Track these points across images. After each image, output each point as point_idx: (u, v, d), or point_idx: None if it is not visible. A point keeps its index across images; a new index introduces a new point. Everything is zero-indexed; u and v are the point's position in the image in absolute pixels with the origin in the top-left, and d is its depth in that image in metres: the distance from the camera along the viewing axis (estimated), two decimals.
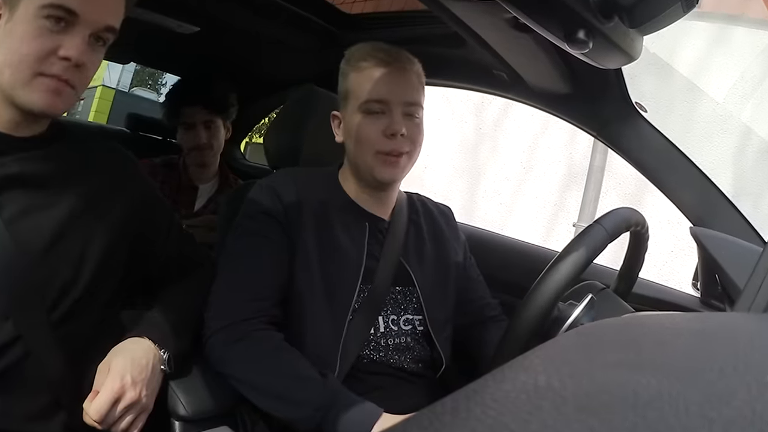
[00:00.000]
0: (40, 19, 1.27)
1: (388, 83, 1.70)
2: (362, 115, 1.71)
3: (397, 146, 1.68)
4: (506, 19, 1.60)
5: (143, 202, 1.61)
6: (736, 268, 1.39)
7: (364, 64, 1.73)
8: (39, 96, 1.31)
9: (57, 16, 1.28)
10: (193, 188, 3.12)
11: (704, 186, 1.88)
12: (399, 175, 1.75)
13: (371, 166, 1.71)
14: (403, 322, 1.74)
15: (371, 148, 1.70)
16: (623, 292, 1.61)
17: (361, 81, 1.73)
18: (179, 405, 1.52)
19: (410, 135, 1.70)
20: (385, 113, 1.69)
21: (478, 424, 0.32)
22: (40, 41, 1.28)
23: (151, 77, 20.89)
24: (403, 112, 1.70)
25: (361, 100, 1.71)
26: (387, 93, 1.69)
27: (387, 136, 1.68)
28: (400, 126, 1.67)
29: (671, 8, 1.16)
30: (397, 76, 1.72)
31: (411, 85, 1.73)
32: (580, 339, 0.51)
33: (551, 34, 1.23)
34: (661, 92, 2.25)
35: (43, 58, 1.29)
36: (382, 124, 1.68)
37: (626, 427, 0.31)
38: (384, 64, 1.71)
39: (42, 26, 1.28)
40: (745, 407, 0.33)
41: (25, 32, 1.28)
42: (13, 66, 1.29)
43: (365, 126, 1.70)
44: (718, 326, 0.59)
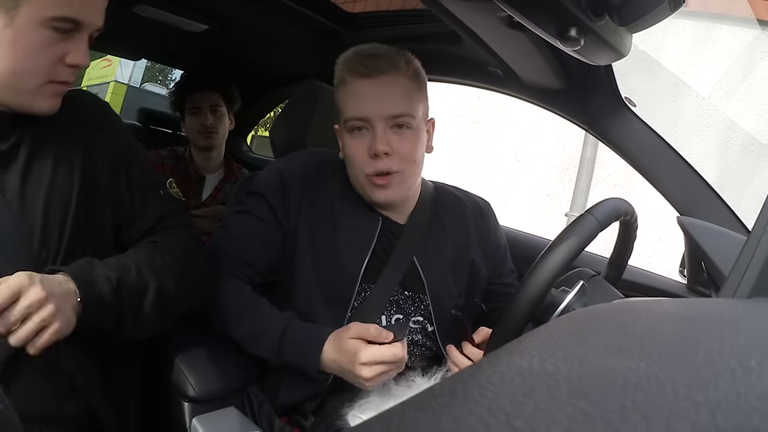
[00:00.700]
0: (46, 29, 1.26)
1: (369, 97, 1.60)
2: (348, 134, 1.64)
3: (383, 166, 1.59)
4: (501, 18, 1.60)
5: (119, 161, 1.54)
6: (721, 255, 1.39)
7: (346, 78, 1.63)
8: (46, 101, 1.34)
9: (64, 27, 1.28)
10: (200, 178, 3.16)
11: (690, 177, 1.88)
12: (393, 196, 1.65)
13: (365, 190, 1.66)
14: (412, 322, 1.70)
15: (360, 170, 1.63)
16: (613, 278, 1.61)
17: (345, 97, 1.64)
18: (188, 386, 1.52)
19: (399, 150, 1.60)
20: (368, 130, 1.60)
21: (475, 405, 0.32)
22: (49, 51, 1.29)
23: (161, 73, 20.83)
24: (389, 125, 1.60)
25: (344, 117, 1.64)
26: (367, 109, 1.59)
27: (370, 156, 1.59)
28: (383, 145, 1.57)
29: (659, 7, 1.17)
30: (378, 86, 1.60)
31: (395, 96, 1.60)
32: (572, 324, 0.51)
33: (544, 31, 1.22)
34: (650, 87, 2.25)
35: (51, 66, 1.30)
36: (365, 143, 1.60)
37: (616, 409, 0.31)
38: (363, 76, 1.60)
39: (49, 36, 1.27)
40: (731, 390, 0.33)
41: (32, 42, 1.27)
42: (22, 75, 1.28)
43: (351, 146, 1.64)
44: (704, 312, 0.59)
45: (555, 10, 1.13)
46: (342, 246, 1.66)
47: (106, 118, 1.57)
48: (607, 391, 0.33)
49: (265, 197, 1.68)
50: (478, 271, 1.83)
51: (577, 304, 1.31)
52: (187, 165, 3.17)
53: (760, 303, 0.75)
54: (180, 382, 1.53)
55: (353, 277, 1.64)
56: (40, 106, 1.33)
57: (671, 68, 5.80)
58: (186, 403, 1.52)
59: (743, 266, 0.85)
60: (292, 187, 1.69)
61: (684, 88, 5.89)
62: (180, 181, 3.11)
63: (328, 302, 1.64)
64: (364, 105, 1.59)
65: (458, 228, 1.83)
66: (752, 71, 3.99)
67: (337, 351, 1.46)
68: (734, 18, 5.12)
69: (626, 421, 0.30)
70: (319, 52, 2.93)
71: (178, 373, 1.54)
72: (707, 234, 1.49)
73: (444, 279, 1.75)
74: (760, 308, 0.66)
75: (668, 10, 1.18)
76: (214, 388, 1.56)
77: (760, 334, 0.52)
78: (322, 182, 1.72)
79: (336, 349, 1.46)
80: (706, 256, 1.42)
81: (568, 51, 1.27)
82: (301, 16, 2.66)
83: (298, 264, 1.66)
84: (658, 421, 0.30)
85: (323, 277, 1.65)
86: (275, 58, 3.25)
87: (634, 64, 1.57)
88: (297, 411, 1.59)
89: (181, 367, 1.55)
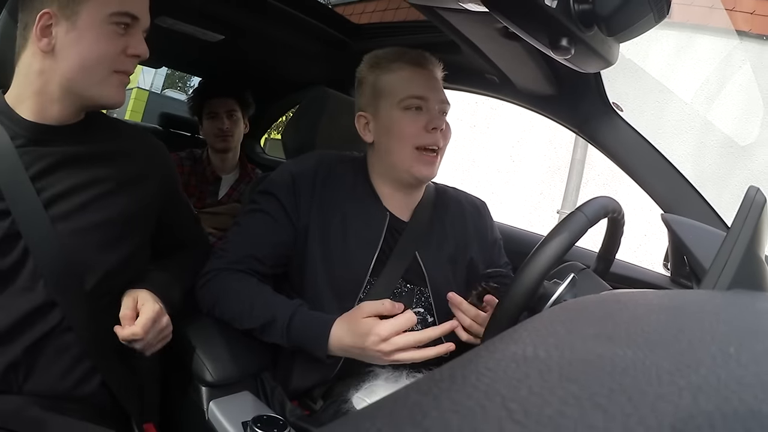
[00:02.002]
0: (109, 25, 1.33)
1: (425, 81, 1.68)
2: (401, 112, 1.67)
3: (436, 140, 1.65)
4: (497, 29, 1.60)
5: (169, 184, 1.64)
6: (702, 250, 1.39)
7: (394, 66, 1.70)
8: (114, 91, 1.39)
9: (124, 21, 1.35)
10: (217, 179, 3.17)
11: (673, 177, 1.88)
12: (434, 173, 1.70)
13: (409, 164, 1.67)
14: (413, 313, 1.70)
15: (411, 142, 1.66)
16: (602, 271, 1.61)
17: (397, 80, 1.69)
18: (205, 372, 1.52)
19: (445, 131, 1.68)
20: (423, 109, 1.66)
21: (472, 389, 0.32)
22: (113, 43, 1.34)
23: (181, 80, 20.85)
24: (438, 109, 1.67)
25: (399, 97, 1.67)
26: (425, 90, 1.66)
27: (428, 130, 1.64)
28: (440, 121, 1.65)
29: (644, 18, 1.17)
30: (430, 76, 1.70)
31: (441, 86, 1.72)
32: (564, 314, 0.51)
33: (537, 41, 1.22)
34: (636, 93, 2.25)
35: (115, 57, 1.35)
36: (422, 119, 1.65)
37: (604, 392, 0.31)
38: (419, 66, 1.69)
39: (112, 31, 1.33)
40: (711, 375, 0.33)
41: (97, 37, 1.32)
42: (90, 67, 1.33)
43: (404, 121, 1.66)
44: (687, 302, 0.59)
45: (547, 22, 1.13)
46: (352, 242, 1.67)
47: (159, 148, 1.64)
48: (596, 376, 0.33)
49: (276, 196, 1.68)
50: (476, 267, 1.83)
51: (568, 296, 1.31)
52: (204, 166, 3.18)
53: (739, 294, 0.75)
54: (198, 368, 1.54)
55: (363, 272, 1.65)
56: (109, 96, 1.39)
57: (655, 75, 5.80)
58: (203, 387, 1.52)
59: (723, 260, 0.85)
60: (302, 187, 1.69)
61: (667, 93, 5.89)
62: (198, 182, 3.13)
63: (337, 295, 1.64)
64: (424, 87, 1.68)
65: (458, 226, 1.84)
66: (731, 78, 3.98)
67: (351, 333, 1.45)
68: (714, 28, 5.11)
69: (614, 403, 0.30)
70: (328, 61, 2.93)
71: (196, 359, 1.55)
72: (689, 230, 1.49)
73: (444, 273, 1.75)
74: (739, 299, 0.66)
75: (653, 21, 1.18)
76: (230, 373, 1.56)
77: (738, 324, 0.52)
78: (332, 182, 1.72)
79: (348, 331, 1.46)
80: (688, 250, 1.42)
81: (559, 59, 1.27)
82: (312, 27, 2.67)
83: (309, 260, 1.66)
84: (644, 404, 0.30)
85: (333, 272, 1.65)
86: (287, 66, 3.24)
87: (621, 71, 1.57)
88: (307, 395, 1.60)
89: (199, 354, 1.55)
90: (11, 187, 1.30)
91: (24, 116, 1.36)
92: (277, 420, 1.38)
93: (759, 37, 5.97)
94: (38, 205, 1.31)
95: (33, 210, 1.31)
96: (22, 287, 1.30)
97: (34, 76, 1.35)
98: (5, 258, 1.29)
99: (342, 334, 1.47)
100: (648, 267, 2.10)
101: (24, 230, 1.30)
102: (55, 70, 1.33)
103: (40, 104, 1.36)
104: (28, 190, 1.31)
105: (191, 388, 1.54)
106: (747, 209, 0.89)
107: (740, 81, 3.78)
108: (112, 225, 1.42)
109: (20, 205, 1.30)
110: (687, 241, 1.44)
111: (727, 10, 5.39)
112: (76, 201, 1.37)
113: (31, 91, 1.36)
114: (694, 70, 5.56)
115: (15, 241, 1.29)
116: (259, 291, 1.59)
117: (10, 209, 1.29)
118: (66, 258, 1.33)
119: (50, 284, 1.31)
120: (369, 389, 1.49)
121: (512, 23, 1.19)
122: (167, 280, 1.55)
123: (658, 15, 1.17)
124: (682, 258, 1.61)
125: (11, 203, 1.29)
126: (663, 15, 1.18)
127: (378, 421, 0.30)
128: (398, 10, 2.81)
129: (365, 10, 3.41)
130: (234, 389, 1.56)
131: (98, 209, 1.40)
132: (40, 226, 1.31)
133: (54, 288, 1.32)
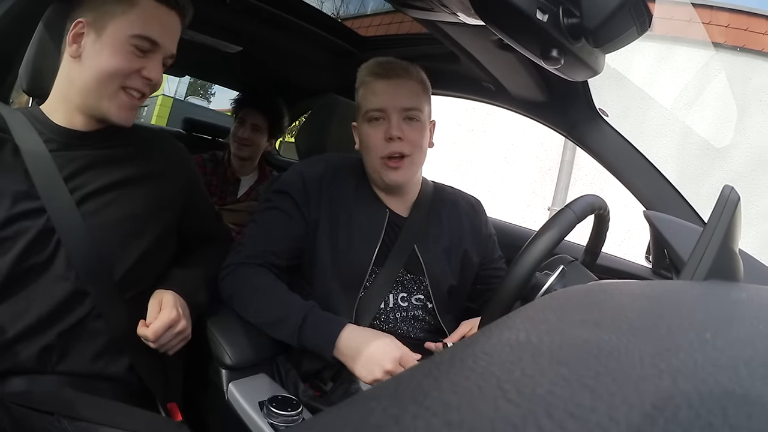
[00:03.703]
0: (129, 45, 1.34)
1: (386, 93, 1.66)
2: (367, 124, 1.69)
3: (396, 149, 1.65)
4: (493, 41, 1.60)
5: (191, 184, 1.65)
6: (681, 244, 1.38)
7: (367, 79, 1.71)
8: (119, 109, 1.39)
9: (143, 46, 1.36)
10: (236, 180, 3.17)
11: (655, 177, 1.87)
12: (404, 177, 1.70)
13: (378, 171, 1.69)
14: (414, 299, 1.71)
15: (376, 153, 1.67)
16: (589, 263, 1.60)
17: (366, 94, 1.70)
18: (225, 355, 1.53)
19: (409, 137, 1.66)
20: (384, 119, 1.66)
21: (470, 372, 0.32)
22: (129, 61, 1.35)
23: (202, 87, 20.88)
24: (402, 117, 1.66)
25: (364, 110, 1.69)
26: (384, 102, 1.65)
27: (386, 140, 1.64)
28: (397, 131, 1.64)
29: (628, 31, 1.18)
30: (394, 86, 1.67)
31: (408, 92, 1.68)
32: (554, 302, 0.51)
33: (530, 52, 1.22)
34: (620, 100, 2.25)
35: (128, 75, 1.36)
36: (382, 130, 1.65)
37: (591, 374, 0.31)
38: (382, 77, 1.68)
39: (130, 51, 1.35)
40: (689, 359, 0.33)
41: (115, 53, 1.34)
42: (103, 80, 1.35)
43: (369, 133, 1.68)
44: (667, 292, 0.59)
45: (539, 34, 1.14)
46: (356, 236, 1.68)
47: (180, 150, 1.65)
48: (584, 359, 0.33)
49: (289, 194, 1.70)
50: (470, 258, 1.84)
51: (558, 286, 1.31)
52: (225, 168, 3.18)
53: (714, 285, 0.75)
54: (218, 352, 1.54)
55: (366, 263, 1.66)
56: (116, 114, 1.39)
57: (638, 83, 5.80)
58: (223, 370, 1.52)
59: (700, 253, 0.85)
60: (312, 186, 1.70)
61: (649, 100, 5.89)
62: (219, 182, 3.14)
63: (343, 285, 1.64)
64: (382, 99, 1.66)
65: (453, 222, 1.85)
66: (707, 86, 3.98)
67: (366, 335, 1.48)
68: (692, 40, 5.10)
69: (600, 384, 0.30)
70: (337, 70, 2.93)
71: (217, 344, 1.55)
72: (669, 225, 1.48)
73: (440, 264, 1.76)
74: (714, 289, 0.66)
75: (636, 33, 1.19)
76: (248, 357, 1.56)
77: (714, 312, 0.52)
78: (339, 181, 1.74)
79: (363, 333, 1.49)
80: (668, 244, 1.42)
81: (550, 69, 1.27)
82: (322, 39, 2.67)
83: (318, 252, 1.67)
84: (628, 385, 0.30)
85: (340, 263, 1.65)
86: (299, 74, 3.24)
87: (607, 80, 1.57)
88: (318, 377, 1.60)
89: (219, 339, 1.56)
90: (46, 188, 1.32)
91: (57, 123, 1.40)
92: (291, 400, 1.39)
93: (733, 48, 5.98)
94: (71, 203, 1.33)
95: (66, 208, 1.33)
96: (57, 277, 1.31)
97: (64, 82, 1.40)
98: (42, 251, 1.30)
99: (355, 335, 1.48)
100: (631, 259, 2.10)
101: (58, 226, 1.31)
102: (78, 77, 1.36)
103: (68, 112, 1.40)
104: (62, 190, 1.33)
105: (212, 371, 1.55)
106: (722, 206, 0.89)
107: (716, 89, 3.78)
108: (137, 219, 1.44)
109: (54, 203, 1.32)
110: (667, 235, 1.43)
111: (704, 24, 5.39)
112: (104, 199, 1.40)
113: (62, 97, 1.40)
114: (674, 78, 5.56)
115: (49, 236, 1.31)
116: (274, 288, 1.59)
117: (46, 207, 1.31)
118: (96, 250, 1.35)
119: (82, 274, 1.33)
120: None
121: (506, 36, 1.19)
122: (195, 284, 1.57)
123: (641, 28, 1.18)
124: (662, 251, 1.61)
125: (46, 202, 1.31)
126: (645, 28, 1.18)
127: (383, 401, 0.30)
128: (402, 23, 2.80)
129: (371, 24, 3.41)
130: (251, 372, 1.57)
131: (124, 205, 1.42)
132: (73, 223, 1.33)
133: (86, 278, 1.33)
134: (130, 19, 1.34)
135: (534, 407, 0.27)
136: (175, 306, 1.42)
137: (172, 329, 1.39)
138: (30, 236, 1.29)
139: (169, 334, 1.38)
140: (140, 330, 1.37)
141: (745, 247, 1.15)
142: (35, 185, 1.31)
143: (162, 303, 1.43)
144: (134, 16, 1.34)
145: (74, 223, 1.33)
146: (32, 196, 1.31)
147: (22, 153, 1.33)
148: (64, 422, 1.19)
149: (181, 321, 1.41)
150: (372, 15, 3.52)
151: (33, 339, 1.28)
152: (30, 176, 1.32)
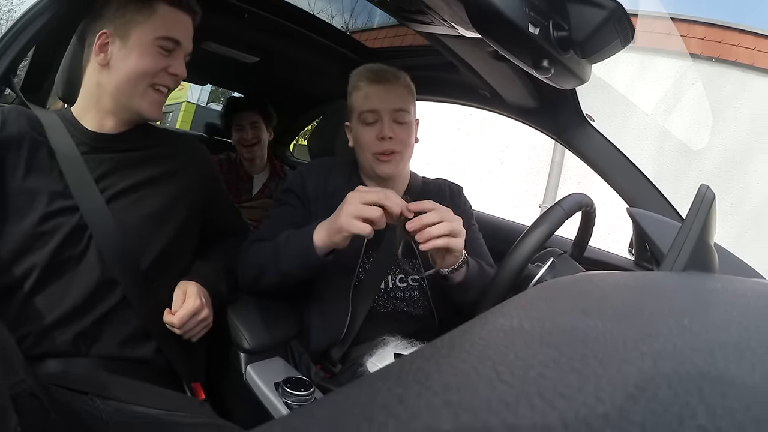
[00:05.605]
0: (154, 46, 1.38)
1: (377, 96, 1.69)
2: (360, 125, 1.71)
3: (389, 147, 1.67)
4: (489, 52, 1.60)
5: (210, 180, 1.68)
6: (661, 238, 1.38)
7: (360, 84, 1.73)
8: (149, 105, 1.42)
9: (167, 45, 1.40)
10: (249, 178, 3.18)
11: (637, 176, 1.87)
12: (393, 169, 1.72)
13: (371, 165, 1.71)
14: (411, 280, 1.72)
15: (369, 151, 1.70)
16: (577, 256, 1.60)
17: (358, 97, 1.73)
18: (243, 340, 1.53)
19: (399, 137, 1.68)
20: (377, 121, 1.69)
21: (467, 355, 0.32)
22: (156, 61, 1.39)
23: (223, 95, 20.85)
24: (392, 118, 1.68)
25: (358, 112, 1.72)
26: (377, 103, 1.68)
27: (379, 139, 1.67)
28: (389, 131, 1.66)
29: (613, 43, 1.19)
30: (384, 89, 1.69)
31: (397, 95, 1.70)
32: (545, 292, 0.51)
33: (522, 62, 1.22)
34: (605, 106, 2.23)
35: (156, 73, 1.40)
36: (375, 130, 1.68)
37: (578, 357, 0.31)
38: (374, 82, 1.70)
39: (156, 51, 1.39)
40: (668, 343, 0.34)
41: (143, 55, 1.38)
42: (134, 79, 1.38)
43: (363, 133, 1.71)
44: (648, 282, 0.59)
45: (531, 46, 1.14)
46: None
47: (200, 150, 1.68)
48: (572, 344, 0.33)
49: (293, 191, 1.76)
50: None
51: (548, 276, 1.31)
52: (238, 167, 3.20)
53: (692, 275, 0.75)
54: (238, 337, 1.54)
55: (357, 249, 1.67)
56: (146, 110, 1.43)
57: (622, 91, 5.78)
58: (242, 354, 1.53)
59: (678, 246, 0.85)
60: (310, 183, 1.76)
61: (631, 106, 5.88)
62: (233, 181, 3.15)
63: (339, 269, 1.65)
64: (375, 102, 1.69)
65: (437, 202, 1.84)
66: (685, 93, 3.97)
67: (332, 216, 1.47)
68: (671, 52, 5.09)
69: (587, 366, 0.30)
70: (346, 79, 2.93)
71: (236, 330, 1.55)
72: (650, 221, 1.48)
73: None
74: (692, 279, 0.66)
75: (620, 45, 1.20)
76: (264, 342, 1.57)
77: (691, 299, 0.52)
78: (333, 178, 1.79)
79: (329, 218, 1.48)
80: (649, 238, 1.42)
81: (541, 78, 1.27)
82: (333, 50, 2.68)
83: None
84: (612, 367, 0.30)
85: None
86: (312, 83, 3.24)
87: (593, 87, 1.56)
88: (327, 359, 1.60)
89: (238, 325, 1.56)
90: (79, 188, 1.34)
91: (87, 127, 1.43)
92: (303, 381, 1.39)
93: (709, 59, 5.97)
94: (101, 202, 1.36)
95: (97, 207, 1.35)
96: (90, 269, 1.33)
97: (93, 89, 1.42)
98: (76, 246, 1.32)
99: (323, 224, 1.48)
100: (616, 252, 2.10)
101: (90, 223, 1.34)
102: (108, 82, 1.39)
103: (99, 116, 1.43)
104: (93, 190, 1.36)
105: (232, 355, 1.55)
106: (699, 203, 0.89)
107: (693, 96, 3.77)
108: (161, 214, 1.46)
109: (86, 203, 1.34)
110: (648, 230, 1.43)
111: (682, 36, 5.37)
112: (131, 197, 1.42)
113: (92, 103, 1.43)
114: (654, 86, 5.55)
115: (82, 232, 1.33)
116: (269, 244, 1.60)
117: (79, 206, 1.33)
118: (124, 244, 1.37)
119: (112, 266, 1.34)
120: (380, 355, 1.49)
121: (501, 47, 1.19)
122: (217, 275, 1.59)
123: (624, 40, 1.19)
124: (644, 245, 1.60)
125: (79, 201, 1.33)
126: (628, 40, 1.19)
127: (389, 381, 0.30)
128: (405, 36, 2.81)
129: (378, 36, 3.42)
130: (267, 355, 1.57)
131: (150, 203, 1.45)
132: (104, 220, 1.35)
133: (115, 268, 1.35)
134: (154, 24, 1.38)
135: (526, 388, 0.27)
136: (198, 295, 1.43)
137: (196, 317, 1.40)
138: (65, 231, 1.31)
139: (193, 321, 1.40)
140: (166, 317, 1.38)
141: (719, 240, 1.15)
142: (69, 186, 1.33)
143: (186, 293, 1.44)
144: (156, 21, 1.39)
145: (104, 220, 1.35)
146: (66, 196, 1.33)
147: (57, 156, 1.35)
148: (97, 401, 1.20)
149: (203, 309, 1.43)
150: (378, 28, 3.52)
151: (68, 325, 1.29)
152: (64, 177, 1.34)
